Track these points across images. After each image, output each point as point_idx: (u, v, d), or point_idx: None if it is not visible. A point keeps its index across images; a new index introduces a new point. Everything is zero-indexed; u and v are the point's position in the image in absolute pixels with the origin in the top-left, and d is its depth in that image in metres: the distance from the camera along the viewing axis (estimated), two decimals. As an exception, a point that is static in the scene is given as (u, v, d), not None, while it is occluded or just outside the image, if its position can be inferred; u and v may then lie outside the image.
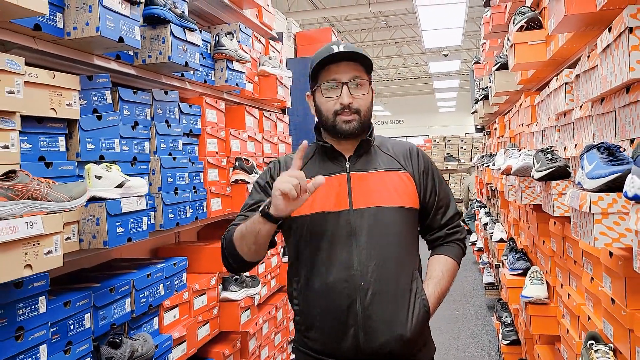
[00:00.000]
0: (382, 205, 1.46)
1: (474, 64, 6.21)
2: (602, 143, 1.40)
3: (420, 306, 1.46)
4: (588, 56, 1.64)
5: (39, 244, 1.28)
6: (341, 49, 1.43)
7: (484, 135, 6.92)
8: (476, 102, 5.85)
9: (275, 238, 1.51)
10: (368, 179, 1.49)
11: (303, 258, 1.49)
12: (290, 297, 1.54)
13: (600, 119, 1.65)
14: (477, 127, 7.20)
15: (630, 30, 1.23)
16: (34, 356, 1.40)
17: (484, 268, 5.82)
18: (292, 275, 1.54)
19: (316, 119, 1.55)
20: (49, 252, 1.31)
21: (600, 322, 1.66)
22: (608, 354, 1.52)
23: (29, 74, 1.44)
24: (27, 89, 1.42)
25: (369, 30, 14.12)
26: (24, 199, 1.28)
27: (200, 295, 2.36)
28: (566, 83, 1.96)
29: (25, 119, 1.46)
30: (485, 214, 5.73)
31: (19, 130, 1.40)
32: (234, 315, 2.56)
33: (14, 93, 1.36)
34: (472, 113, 6.77)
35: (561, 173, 1.93)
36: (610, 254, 1.50)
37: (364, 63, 1.47)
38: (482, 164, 5.26)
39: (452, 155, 10.77)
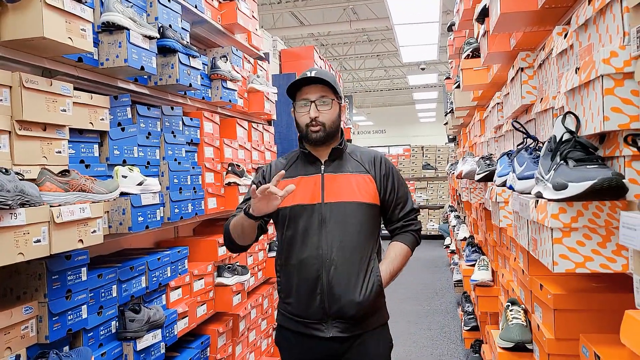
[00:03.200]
0: (347, 200, 1.84)
1: (446, 79, 6.72)
2: (510, 150, 1.87)
3: (374, 280, 1.83)
4: (506, 84, 2.12)
5: (87, 224, 1.71)
6: (312, 74, 1.82)
7: (455, 145, 7.44)
8: (446, 115, 6.36)
9: (267, 226, 1.95)
10: (338, 179, 1.87)
11: (285, 240, 1.89)
12: (276, 270, 1.96)
13: (516, 132, 2.13)
14: (449, 137, 7.72)
15: (522, 69, 1.70)
16: (78, 313, 1.82)
17: (454, 268, 6.31)
18: (277, 254, 1.96)
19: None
20: (94, 231, 1.74)
21: (518, 290, 2.12)
22: (520, 312, 1.99)
23: (75, 96, 1.87)
24: (73, 108, 1.84)
25: (351, 44, 14.67)
26: (76, 191, 1.71)
27: (199, 280, 2.79)
28: (497, 103, 2.44)
29: (70, 130, 1.88)
30: (455, 217, 6.23)
31: (67, 140, 1.83)
32: (227, 298, 2.98)
33: (65, 111, 1.79)
34: (444, 124, 7.29)
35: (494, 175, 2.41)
36: (521, 235, 1.96)
37: (330, 85, 1.84)
38: (451, 172, 5.76)
39: (429, 164, 11.30)
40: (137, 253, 2.52)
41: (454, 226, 6.01)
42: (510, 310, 1.99)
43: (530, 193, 1.25)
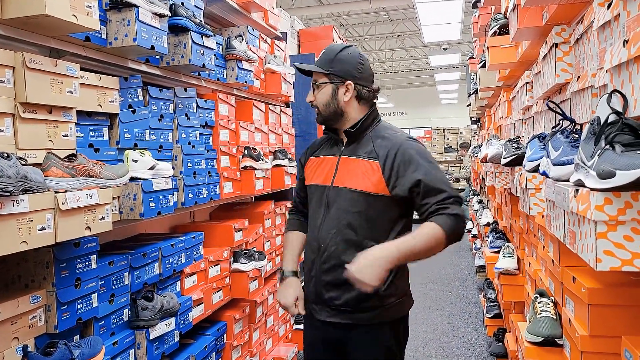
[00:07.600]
0: (351, 187, 1.74)
1: (469, 59, 6.52)
2: (541, 133, 1.74)
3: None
4: (537, 62, 1.98)
5: (95, 211, 1.64)
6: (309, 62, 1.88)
7: (478, 127, 7.25)
8: (469, 96, 6.17)
9: None
10: (350, 163, 1.77)
11: (309, 216, 1.93)
12: None
13: (547, 113, 1.99)
14: (472, 119, 7.52)
15: (556, 45, 1.57)
16: (88, 302, 1.77)
17: (475, 253, 6.18)
18: None
19: None
20: (102, 218, 1.67)
21: (547, 281, 2.01)
22: (549, 304, 1.88)
23: (82, 77, 1.80)
24: (81, 89, 1.77)
25: (371, 24, 14.39)
26: (83, 176, 1.64)
27: (214, 266, 2.72)
28: (527, 83, 2.30)
29: (78, 113, 1.81)
30: (477, 201, 6.08)
31: (75, 122, 1.76)
32: (243, 284, 2.92)
33: (72, 92, 1.71)
34: (467, 106, 7.09)
35: (523, 159, 2.28)
36: (551, 223, 1.84)
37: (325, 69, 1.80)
38: (474, 154, 5.60)
39: (451, 147, 11.09)
40: (151, 239, 2.47)
41: (477, 210, 5.86)
42: (539, 303, 1.88)
43: (568, 180, 1.14)
